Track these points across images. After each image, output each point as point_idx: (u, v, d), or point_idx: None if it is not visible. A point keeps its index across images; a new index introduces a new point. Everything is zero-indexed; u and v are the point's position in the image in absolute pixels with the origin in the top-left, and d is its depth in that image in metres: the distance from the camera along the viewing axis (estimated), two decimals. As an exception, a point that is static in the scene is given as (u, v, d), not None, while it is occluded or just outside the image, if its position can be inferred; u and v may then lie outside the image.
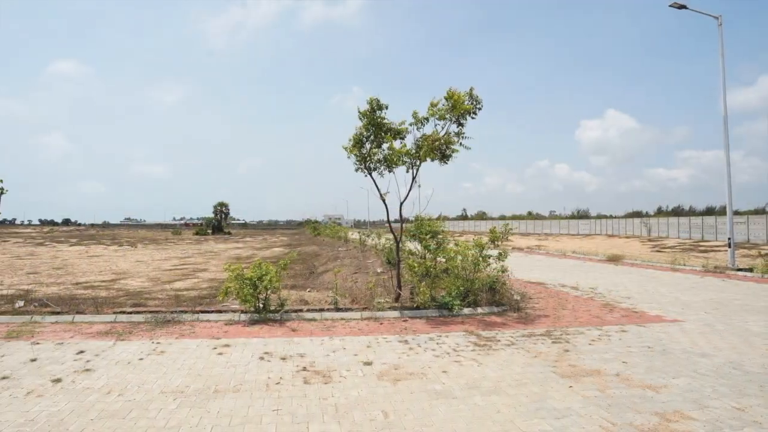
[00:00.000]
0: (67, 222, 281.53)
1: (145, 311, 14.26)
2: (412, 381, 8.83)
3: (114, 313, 14.17)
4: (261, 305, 14.11)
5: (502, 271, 16.39)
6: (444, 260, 16.94)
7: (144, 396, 7.99)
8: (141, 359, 10.12)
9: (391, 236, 19.57)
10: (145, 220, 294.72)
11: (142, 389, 8.32)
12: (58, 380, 8.72)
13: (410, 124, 16.17)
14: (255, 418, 7.16)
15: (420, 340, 11.88)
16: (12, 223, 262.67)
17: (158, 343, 11.44)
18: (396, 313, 14.87)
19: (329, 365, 9.77)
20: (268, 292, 14.34)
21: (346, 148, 16.47)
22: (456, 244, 17.79)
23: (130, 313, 14.16)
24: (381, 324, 13.86)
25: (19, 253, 51.67)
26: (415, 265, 16.26)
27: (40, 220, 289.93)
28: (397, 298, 16.16)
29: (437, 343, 11.52)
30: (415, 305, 15.18)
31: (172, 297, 18.03)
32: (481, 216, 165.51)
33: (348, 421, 7.08)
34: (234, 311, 14.43)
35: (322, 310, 14.84)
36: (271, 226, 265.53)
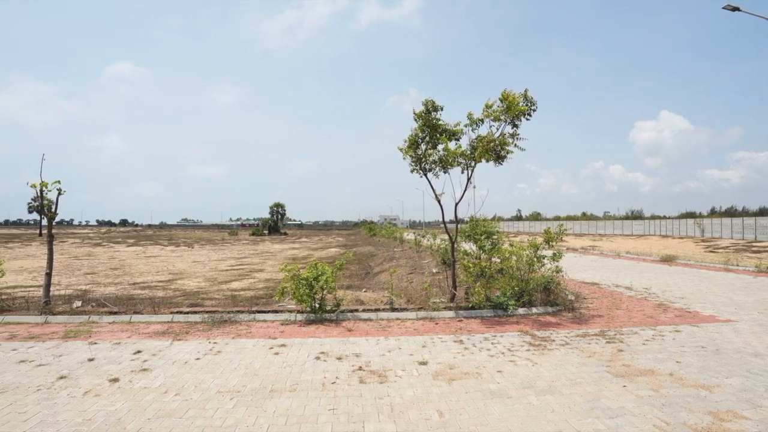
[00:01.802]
0: (124, 223, 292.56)
1: (201, 311, 14.41)
2: (467, 380, 8.79)
3: (171, 313, 14.34)
4: (317, 305, 14.17)
5: (557, 272, 16.24)
6: (499, 260, 16.78)
7: (201, 395, 8.05)
8: (198, 359, 10.21)
9: (446, 237, 19.69)
10: (201, 221, 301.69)
11: (199, 389, 8.38)
12: (116, 380, 8.83)
13: (465, 126, 16.11)
14: (311, 417, 7.17)
15: (475, 339, 11.80)
16: (69, 223, 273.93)
17: (215, 342, 11.52)
18: (451, 313, 14.81)
19: (385, 365, 9.75)
20: (324, 292, 14.40)
21: (401, 150, 16.49)
22: (511, 245, 17.66)
23: (187, 313, 14.33)
24: (436, 324, 13.81)
25: (76, 253, 53.02)
26: (470, 265, 16.18)
27: (97, 221, 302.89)
28: (452, 299, 16.07)
29: (492, 343, 11.46)
30: (470, 305, 15.07)
31: (229, 297, 18.28)
32: (536, 217, 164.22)
33: (403, 420, 7.08)
34: (290, 311, 14.49)
35: (377, 310, 14.85)
36: (327, 227, 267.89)
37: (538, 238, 17.12)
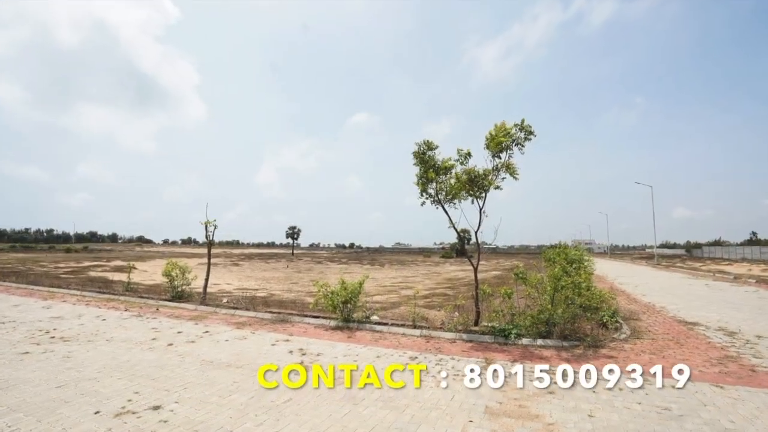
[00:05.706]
0: (351, 246, 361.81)
1: (275, 312, 19.83)
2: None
3: (256, 311, 20.19)
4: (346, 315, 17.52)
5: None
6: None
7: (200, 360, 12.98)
8: (227, 341, 14.83)
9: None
10: (410, 244, 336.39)
11: (209, 356, 13.34)
12: (192, 342, 14.48)
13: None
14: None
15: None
16: (317, 246, 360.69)
17: (253, 333, 16.13)
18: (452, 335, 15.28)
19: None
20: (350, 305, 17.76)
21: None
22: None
23: (265, 312, 19.70)
24: (428, 341, 14.74)
25: (301, 267, 65.91)
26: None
27: (335, 244, 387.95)
28: (476, 321, 16.59)
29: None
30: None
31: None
32: None
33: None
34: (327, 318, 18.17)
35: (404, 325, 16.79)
36: (519, 251, 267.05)
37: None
